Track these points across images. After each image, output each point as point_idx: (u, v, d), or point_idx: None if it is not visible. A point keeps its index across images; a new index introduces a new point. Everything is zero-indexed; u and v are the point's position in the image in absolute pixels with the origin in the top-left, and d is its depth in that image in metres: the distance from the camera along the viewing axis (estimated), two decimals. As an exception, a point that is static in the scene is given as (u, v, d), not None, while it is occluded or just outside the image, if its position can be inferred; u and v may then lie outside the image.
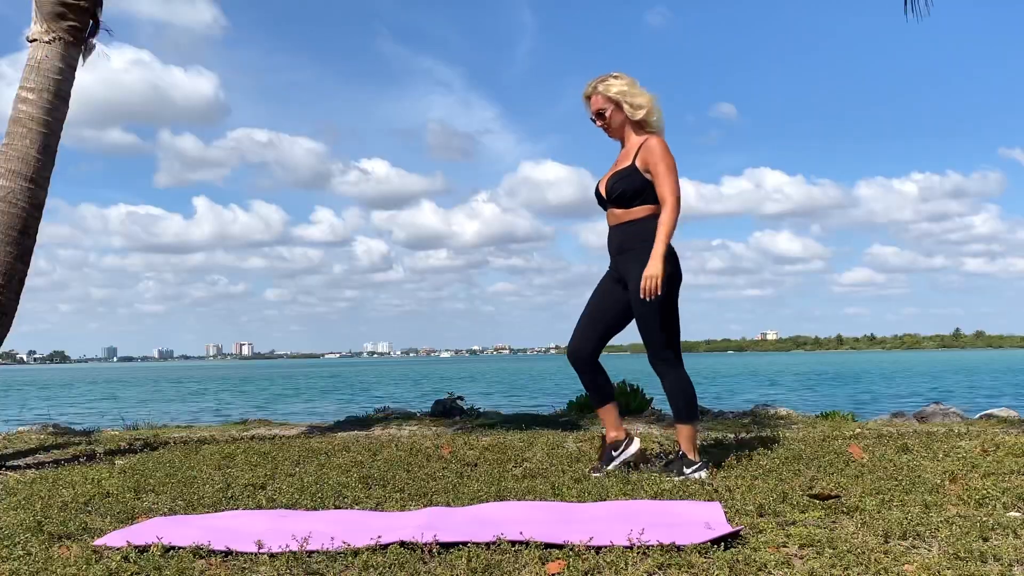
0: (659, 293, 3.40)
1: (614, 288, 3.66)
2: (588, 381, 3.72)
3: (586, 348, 3.68)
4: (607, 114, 3.64)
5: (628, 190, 3.53)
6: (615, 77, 3.64)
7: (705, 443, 4.44)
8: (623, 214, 3.58)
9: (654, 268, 3.40)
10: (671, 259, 3.49)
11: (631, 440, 3.70)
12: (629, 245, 3.56)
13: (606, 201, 3.63)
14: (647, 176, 3.51)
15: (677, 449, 3.60)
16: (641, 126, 3.64)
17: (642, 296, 3.42)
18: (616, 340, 3.82)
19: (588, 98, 3.69)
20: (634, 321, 3.59)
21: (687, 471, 3.47)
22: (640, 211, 3.54)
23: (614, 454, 3.66)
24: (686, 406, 3.54)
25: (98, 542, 2.54)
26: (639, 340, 3.60)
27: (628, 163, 3.56)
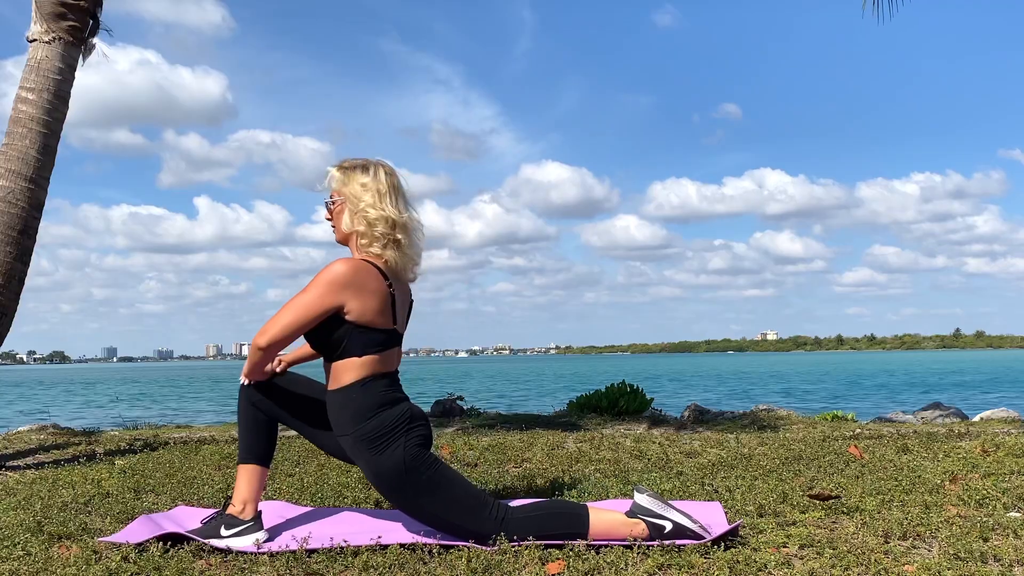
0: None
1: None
2: (251, 414, 2.63)
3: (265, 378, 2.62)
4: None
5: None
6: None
7: (706, 444, 4.44)
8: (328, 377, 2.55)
9: None
10: (391, 432, 2.41)
11: (258, 525, 2.56)
12: (340, 427, 2.48)
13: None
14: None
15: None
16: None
17: None
18: (616, 340, 3.71)
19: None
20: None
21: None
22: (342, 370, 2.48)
23: (223, 532, 2.52)
24: (569, 522, 2.40)
25: (98, 542, 2.54)
26: (639, 340, 3.35)
27: None
